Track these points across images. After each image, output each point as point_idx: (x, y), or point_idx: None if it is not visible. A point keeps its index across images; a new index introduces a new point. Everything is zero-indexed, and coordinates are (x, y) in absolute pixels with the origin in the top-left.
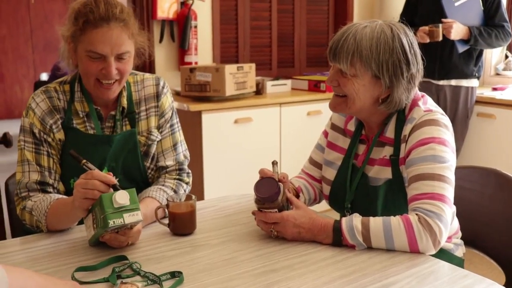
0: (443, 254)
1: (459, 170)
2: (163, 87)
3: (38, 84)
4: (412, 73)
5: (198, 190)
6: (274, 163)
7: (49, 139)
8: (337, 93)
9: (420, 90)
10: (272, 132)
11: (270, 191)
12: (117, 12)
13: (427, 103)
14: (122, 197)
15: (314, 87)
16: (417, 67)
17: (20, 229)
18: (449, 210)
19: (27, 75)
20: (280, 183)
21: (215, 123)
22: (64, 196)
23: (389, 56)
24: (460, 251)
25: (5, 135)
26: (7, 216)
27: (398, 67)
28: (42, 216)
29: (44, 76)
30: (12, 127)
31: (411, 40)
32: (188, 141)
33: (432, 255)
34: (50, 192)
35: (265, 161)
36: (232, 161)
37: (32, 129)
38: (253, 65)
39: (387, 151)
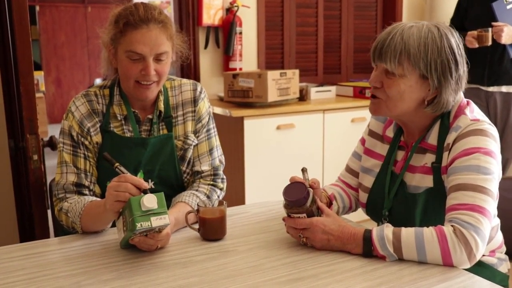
0: (486, 269)
1: (506, 181)
2: (200, 92)
3: None
4: (460, 73)
5: (239, 196)
6: (303, 170)
7: (86, 142)
8: (377, 95)
9: (469, 97)
10: (315, 139)
11: (298, 195)
12: (155, 14)
13: (474, 112)
14: (150, 200)
15: (359, 93)
16: (464, 68)
17: (61, 229)
18: (488, 224)
19: (82, 80)
20: (309, 188)
21: (257, 129)
22: (98, 199)
23: (438, 56)
24: (504, 266)
25: (51, 138)
26: (51, 215)
27: (447, 67)
28: (77, 217)
29: (98, 82)
30: None
31: (458, 41)
32: (230, 147)
33: (473, 271)
34: (86, 194)
35: (308, 168)
36: (274, 167)
37: (70, 131)
38: (297, 71)
39: (429, 158)
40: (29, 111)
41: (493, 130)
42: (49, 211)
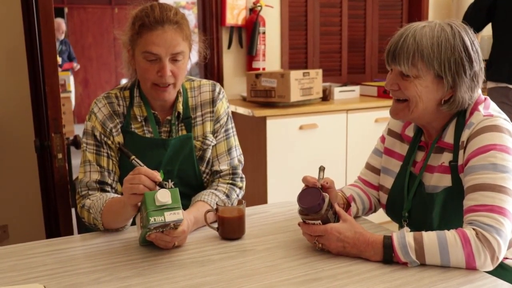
0: (509, 273)
1: None
2: (219, 93)
3: None
4: (475, 71)
5: (261, 196)
6: (320, 169)
7: (109, 142)
8: (397, 97)
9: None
10: (338, 139)
11: (312, 201)
12: (171, 15)
13: (489, 108)
14: (164, 195)
15: (383, 93)
16: (480, 65)
17: (84, 226)
18: (509, 224)
19: (109, 81)
20: (325, 194)
21: (280, 129)
22: (119, 195)
23: (451, 54)
24: None
25: (76, 137)
26: (74, 213)
27: (461, 65)
28: (98, 213)
29: (124, 82)
30: None
31: (472, 38)
32: (252, 146)
33: (497, 274)
34: (108, 191)
35: (330, 168)
36: (296, 167)
37: (93, 132)
38: (320, 71)
39: (446, 157)
40: (54, 111)
41: (509, 126)
42: (73, 209)
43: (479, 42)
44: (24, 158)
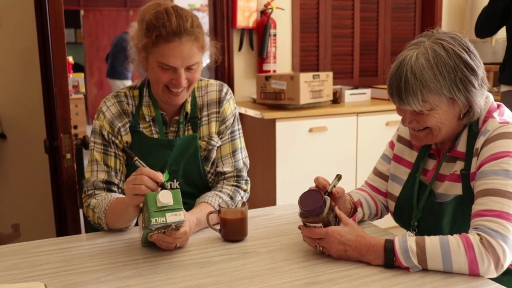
0: None
1: None
2: (226, 94)
3: None
4: (481, 77)
5: (270, 198)
6: (337, 177)
7: (117, 141)
8: (417, 128)
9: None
10: (348, 142)
11: (314, 204)
12: (188, 26)
13: (504, 114)
14: (165, 196)
15: None
16: (482, 68)
17: (90, 226)
18: None
19: None
20: (326, 197)
21: (289, 131)
22: (124, 196)
23: (455, 76)
24: None
25: (84, 137)
26: (82, 213)
27: (467, 81)
28: (102, 213)
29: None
30: None
31: (466, 46)
32: (261, 149)
33: (504, 281)
34: (115, 191)
35: (340, 172)
36: (305, 170)
37: (101, 131)
38: (330, 74)
39: (459, 166)
40: (63, 111)
41: None
42: (81, 209)
43: (493, 45)
44: (36, 158)
